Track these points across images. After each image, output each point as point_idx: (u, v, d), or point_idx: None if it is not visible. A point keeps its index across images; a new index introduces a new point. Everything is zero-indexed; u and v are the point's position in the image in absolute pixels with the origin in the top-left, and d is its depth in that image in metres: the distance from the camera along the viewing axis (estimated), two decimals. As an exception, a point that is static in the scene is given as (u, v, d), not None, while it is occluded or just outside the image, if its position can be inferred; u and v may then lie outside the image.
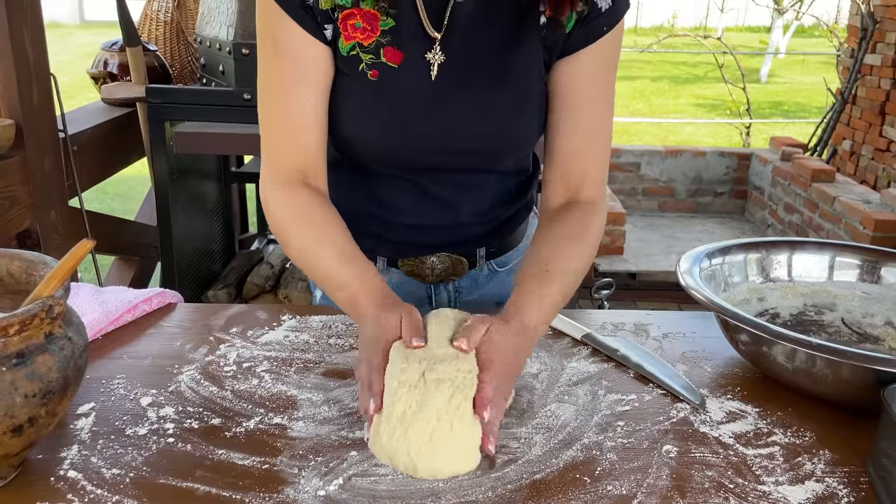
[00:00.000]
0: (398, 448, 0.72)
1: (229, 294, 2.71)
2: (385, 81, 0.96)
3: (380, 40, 0.96)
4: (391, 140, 1.00)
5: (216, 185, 2.97)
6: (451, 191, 1.08)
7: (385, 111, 0.98)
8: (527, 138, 1.04)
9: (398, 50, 0.96)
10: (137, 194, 4.45)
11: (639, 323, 1.07)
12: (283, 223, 0.96)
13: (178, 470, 0.72)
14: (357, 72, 0.97)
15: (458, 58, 0.97)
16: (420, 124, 0.99)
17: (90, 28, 17.07)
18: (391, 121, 0.98)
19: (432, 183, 1.06)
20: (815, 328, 1.04)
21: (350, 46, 0.96)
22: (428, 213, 1.08)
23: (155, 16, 2.62)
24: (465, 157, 1.03)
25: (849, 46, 5.35)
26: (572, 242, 0.96)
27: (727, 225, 4.93)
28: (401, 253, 1.11)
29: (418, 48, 0.97)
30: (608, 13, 0.97)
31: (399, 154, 1.02)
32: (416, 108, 0.98)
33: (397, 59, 0.96)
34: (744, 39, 16.49)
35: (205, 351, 0.95)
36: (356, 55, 0.96)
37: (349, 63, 0.97)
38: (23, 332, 0.64)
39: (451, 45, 0.97)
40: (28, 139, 1.80)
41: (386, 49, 0.96)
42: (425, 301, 1.16)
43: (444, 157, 1.02)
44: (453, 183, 1.07)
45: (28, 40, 1.78)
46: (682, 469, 0.75)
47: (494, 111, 0.99)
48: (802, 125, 9.07)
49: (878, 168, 4.81)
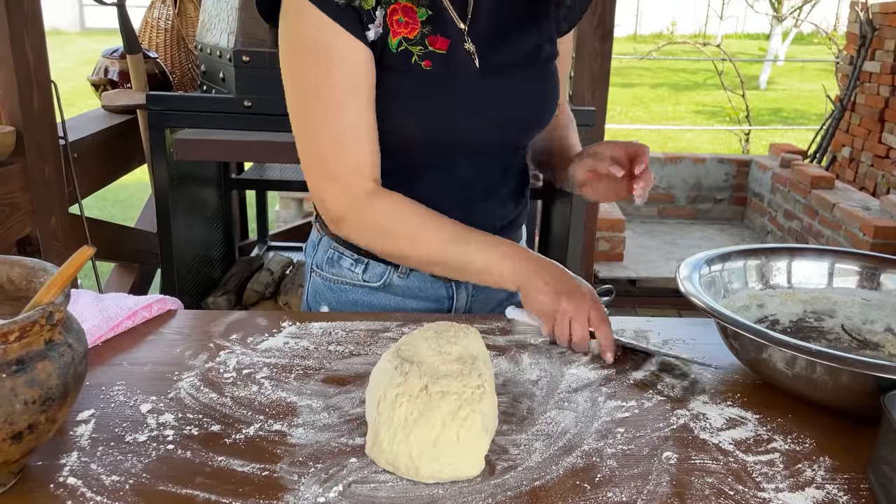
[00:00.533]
0: (399, 452, 0.72)
1: (229, 300, 2.71)
2: (439, 68, 1.01)
3: (423, 31, 0.99)
4: (449, 127, 1.04)
5: (216, 191, 2.97)
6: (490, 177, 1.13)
7: (443, 97, 1.02)
8: (546, 110, 1.14)
9: (442, 37, 1.00)
10: (137, 201, 4.46)
11: (639, 329, 1.07)
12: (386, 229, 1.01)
13: (177, 477, 0.72)
14: (410, 64, 0.99)
15: (486, 47, 1.04)
16: (472, 108, 1.04)
17: (91, 35, 17.11)
18: (449, 105, 1.03)
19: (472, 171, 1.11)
20: (814, 335, 1.04)
21: (398, 42, 0.98)
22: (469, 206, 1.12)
23: (155, 23, 2.62)
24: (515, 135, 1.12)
25: (848, 53, 5.36)
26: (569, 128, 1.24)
27: (727, 231, 4.94)
28: None
29: (456, 36, 1.02)
30: None
31: (452, 139, 1.06)
32: (467, 92, 1.03)
33: (444, 46, 1.01)
34: (743, 46, 16.53)
35: (205, 357, 0.95)
36: (405, 49, 0.99)
37: (401, 58, 0.99)
38: (23, 339, 0.64)
39: (477, 35, 1.04)
40: (28, 146, 1.80)
41: (430, 38, 1.00)
42: (445, 301, 1.16)
43: (485, 134, 1.08)
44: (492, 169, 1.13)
45: (29, 47, 1.79)
46: (682, 476, 0.75)
47: (529, 85, 1.09)
48: (802, 132, 9.08)
49: (878, 175, 4.81)
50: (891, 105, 4.79)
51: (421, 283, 1.15)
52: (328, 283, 1.18)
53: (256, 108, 2.13)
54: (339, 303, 1.18)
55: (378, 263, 1.13)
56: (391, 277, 1.14)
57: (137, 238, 2.63)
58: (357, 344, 1.00)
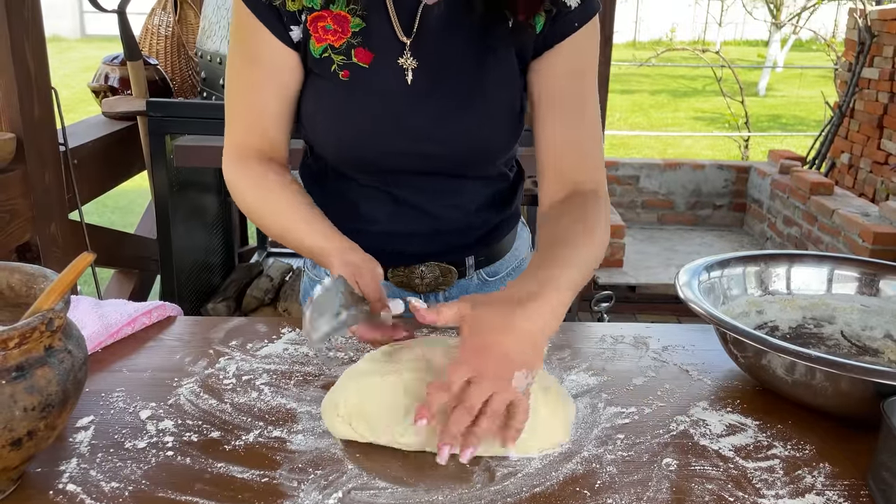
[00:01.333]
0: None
1: (229, 307, 2.71)
2: (356, 81, 0.99)
3: (350, 41, 0.98)
4: (362, 140, 1.01)
5: (216, 198, 2.98)
6: (425, 197, 1.08)
7: (356, 110, 1.00)
8: (496, 147, 1.06)
9: (368, 51, 0.98)
10: (137, 207, 4.46)
11: (638, 336, 1.07)
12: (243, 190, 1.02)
13: (177, 483, 0.72)
14: (329, 72, 0.99)
15: (430, 63, 0.99)
16: (389, 125, 1.00)
17: (91, 42, 17.14)
18: (362, 120, 1.00)
19: (405, 189, 1.07)
20: (814, 341, 1.04)
21: (322, 48, 0.98)
22: (404, 222, 1.09)
23: (156, 30, 2.63)
24: (433, 162, 1.04)
25: (846, 60, 5.37)
26: (577, 229, 0.93)
27: (726, 238, 4.94)
28: (388, 263, 1.11)
29: (389, 51, 0.99)
30: (579, 10, 1.00)
31: (369, 156, 1.03)
32: (386, 109, 1.00)
33: (367, 59, 0.98)
34: (742, 53, 16.57)
35: (204, 364, 0.95)
36: (328, 57, 0.99)
37: (321, 64, 0.99)
38: (22, 345, 0.64)
39: (421, 51, 0.99)
40: (29, 152, 1.80)
41: (357, 50, 0.98)
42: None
43: (412, 160, 1.03)
44: (426, 189, 1.08)
45: (29, 54, 1.79)
46: (682, 482, 0.75)
47: (462, 119, 1.00)
48: (801, 138, 9.10)
49: (877, 181, 4.82)
50: (889, 111, 4.80)
51: (390, 292, 1.11)
52: (314, 282, 1.19)
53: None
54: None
55: None
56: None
57: (137, 244, 2.63)
58: (356, 350, 1.00)
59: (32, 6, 1.79)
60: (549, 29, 0.99)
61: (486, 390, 0.73)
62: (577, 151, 1.02)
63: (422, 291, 1.14)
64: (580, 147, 1.02)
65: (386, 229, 1.09)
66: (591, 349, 1.02)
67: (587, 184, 1.01)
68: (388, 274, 1.12)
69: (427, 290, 1.14)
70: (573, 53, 1.01)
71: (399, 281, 1.13)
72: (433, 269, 1.12)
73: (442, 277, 1.13)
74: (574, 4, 0.99)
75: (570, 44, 1.00)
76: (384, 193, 1.08)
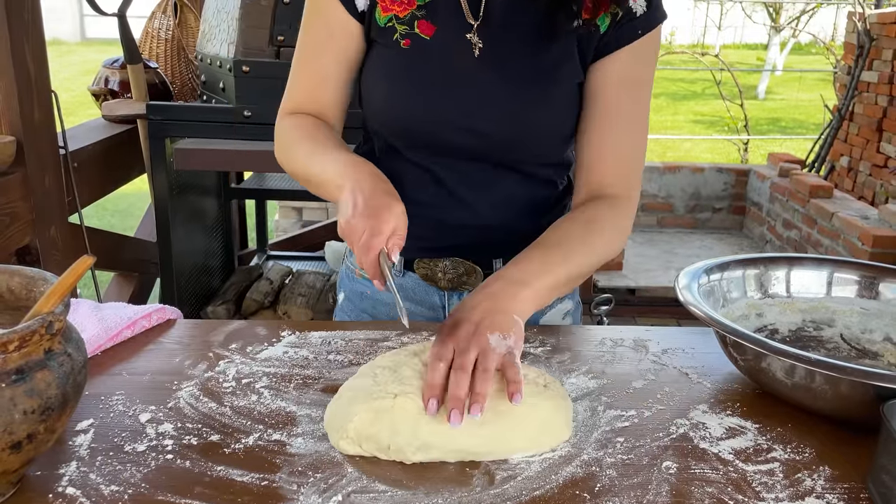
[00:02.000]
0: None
1: (228, 310, 2.71)
2: (416, 50, 1.02)
3: (415, 13, 1.02)
4: (415, 110, 1.03)
5: (216, 201, 2.98)
6: (466, 186, 1.09)
7: (414, 78, 1.02)
8: (548, 133, 1.06)
9: (431, 23, 1.01)
10: (137, 210, 4.47)
11: (638, 339, 1.07)
12: (287, 136, 1.06)
13: (176, 486, 0.72)
14: (391, 41, 1.02)
15: (493, 44, 1.02)
16: (443, 96, 1.02)
17: (91, 45, 17.16)
18: (418, 90, 1.03)
19: (449, 173, 1.08)
20: (813, 344, 1.04)
21: (388, 18, 1.02)
22: (442, 208, 1.10)
23: (156, 33, 2.63)
24: (482, 142, 1.04)
25: (845, 63, 5.38)
26: (573, 225, 1.00)
27: (725, 241, 4.94)
28: (417, 252, 1.12)
29: (454, 28, 1.01)
30: (644, 18, 1.01)
31: (421, 128, 1.05)
32: (443, 80, 1.02)
33: (429, 32, 1.01)
34: (741, 56, 16.58)
35: (204, 367, 0.95)
36: (392, 26, 1.02)
37: (385, 33, 1.03)
38: (22, 349, 0.64)
39: (486, 32, 1.01)
40: (29, 156, 1.81)
41: (420, 22, 1.01)
42: (439, 308, 1.16)
43: (462, 136, 1.04)
44: (470, 177, 1.08)
45: (29, 57, 1.79)
46: (681, 485, 0.75)
47: (517, 99, 1.02)
48: (800, 141, 9.10)
49: (876, 184, 4.82)
50: (889, 115, 4.80)
51: (414, 284, 1.15)
52: (348, 270, 1.22)
53: (256, 117, 2.13)
54: (352, 292, 1.21)
55: None
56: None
57: (137, 247, 2.63)
58: (356, 353, 1.00)
59: (32, 9, 1.79)
60: (612, 32, 1.01)
61: (471, 353, 0.81)
62: (612, 157, 1.04)
63: (443, 288, 1.15)
64: (616, 153, 1.04)
65: (424, 213, 1.09)
66: (591, 352, 1.02)
67: (613, 188, 1.04)
68: (414, 265, 1.14)
69: (449, 287, 1.14)
70: (632, 61, 1.02)
71: (424, 273, 1.14)
72: (458, 265, 1.12)
73: (466, 276, 1.13)
74: (640, 11, 1.00)
75: (631, 51, 1.01)
76: (428, 174, 1.09)
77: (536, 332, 1.07)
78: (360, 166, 0.94)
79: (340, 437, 0.78)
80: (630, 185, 1.05)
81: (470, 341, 0.82)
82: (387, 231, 0.84)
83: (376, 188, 0.89)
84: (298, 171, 1.04)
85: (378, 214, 0.85)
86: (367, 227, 0.84)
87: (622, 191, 1.04)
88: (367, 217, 0.85)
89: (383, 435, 0.77)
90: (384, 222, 0.85)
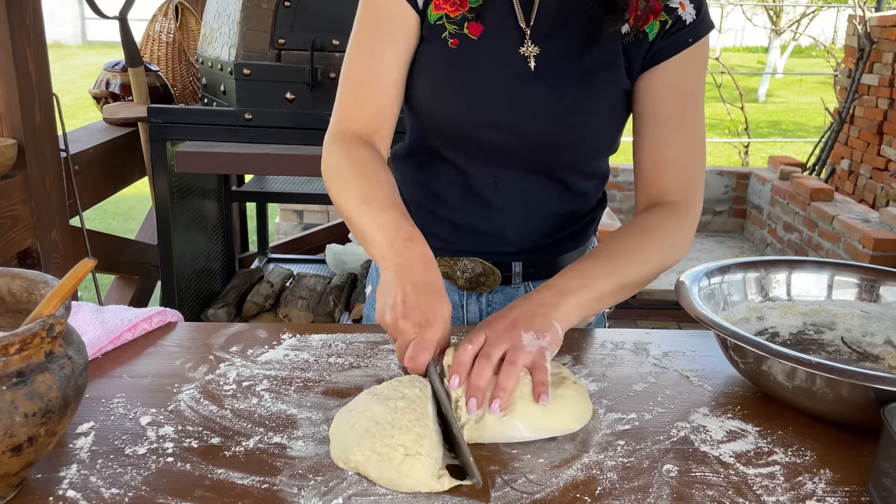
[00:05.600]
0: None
1: (229, 313, 2.71)
2: (464, 50, 1.02)
3: (466, 14, 1.02)
4: (459, 108, 1.03)
5: (217, 204, 2.98)
6: (504, 194, 1.09)
7: (460, 78, 1.02)
8: (588, 138, 1.05)
9: (480, 24, 1.01)
10: (138, 213, 4.47)
11: (638, 342, 1.07)
12: (337, 170, 1.00)
13: (177, 489, 0.72)
14: (439, 39, 1.02)
15: (542, 48, 1.02)
16: (490, 97, 1.02)
17: (92, 48, 17.18)
18: (462, 89, 1.02)
19: (487, 181, 1.08)
20: (814, 347, 1.04)
21: (438, 16, 1.02)
22: (475, 215, 1.10)
23: (157, 36, 2.64)
24: (520, 142, 1.04)
25: (846, 66, 5.38)
26: (629, 234, 1.00)
27: (726, 244, 4.94)
28: (437, 252, 1.10)
29: (503, 29, 1.01)
30: (693, 27, 1.01)
31: (462, 127, 1.04)
32: (489, 81, 1.02)
33: (477, 32, 1.01)
34: (742, 59, 16.59)
35: (205, 370, 0.95)
36: (442, 24, 1.02)
37: (434, 31, 1.02)
38: (23, 351, 0.64)
39: (536, 36, 1.02)
40: (30, 159, 1.81)
41: (469, 23, 1.02)
42: (458, 307, 1.17)
43: (503, 136, 1.03)
44: (508, 186, 1.08)
45: (31, 60, 1.80)
46: (682, 489, 0.74)
47: (560, 101, 1.02)
48: (801, 144, 9.11)
49: (877, 187, 4.82)
50: (889, 118, 4.80)
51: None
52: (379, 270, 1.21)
53: (257, 120, 2.14)
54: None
55: None
56: None
57: (138, 250, 2.63)
58: (357, 356, 1.00)
59: (34, 12, 1.80)
60: (662, 41, 1.01)
61: (500, 346, 0.81)
62: (670, 167, 1.04)
63: (461, 287, 1.14)
64: (674, 162, 1.04)
65: (453, 216, 1.10)
66: (592, 355, 1.02)
67: (673, 195, 1.04)
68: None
69: (466, 287, 1.14)
70: (683, 70, 1.02)
71: (443, 271, 1.14)
72: (476, 265, 1.12)
73: (484, 276, 1.13)
74: (689, 20, 1.00)
75: (680, 60, 1.02)
76: (462, 177, 1.08)
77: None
78: (410, 247, 0.89)
79: (340, 457, 0.76)
80: (691, 191, 1.05)
81: (502, 334, 0.82)
82: (437, 342, 0.81)
83: (428, 283, 0.85)
84: (344, 210, 0.98)
85: (430, 322, 0.81)
86: (416, 334, 0.81)
87: (683, 197, 1.04)
88: (417, 324, 0.81)
89: (384, 479, 0.73)
90: (435, 332, 0.81)
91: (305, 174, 2.39)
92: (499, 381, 0.79)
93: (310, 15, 2.14)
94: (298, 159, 2.14)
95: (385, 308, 0.84)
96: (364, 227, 0.93)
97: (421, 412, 0.77)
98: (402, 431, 0.74)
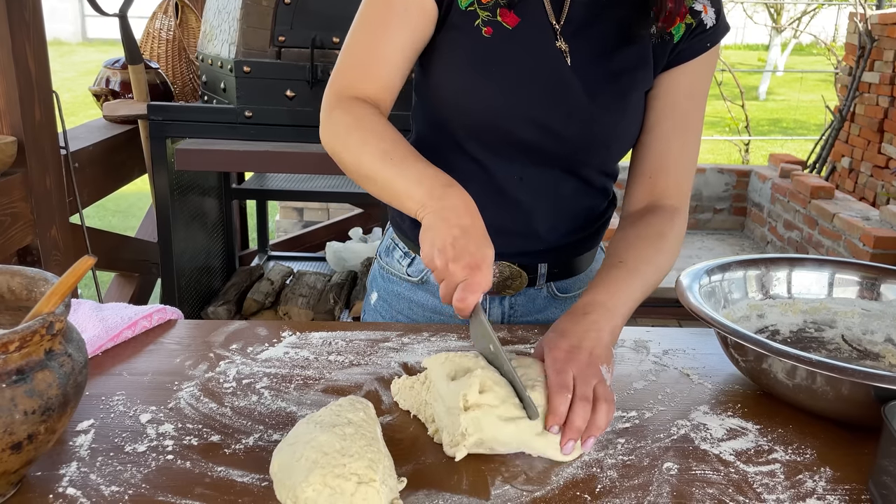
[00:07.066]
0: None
1: (229, 310, 2.71)
2: (499, 39, 0.99)
3: (498, 1, 0.99)
4: (491, 100, 1.01)
5: (217, 201, 2.98)
6: (529, 191, 1.08)
7: (495, 69, 1.00)
8: (616, 138, 1.06)
9: (515, 14, 0.99)
10: (138, 211, 4.47)
11: (639, 339, 1.07)
12: (346, 131, 0.96)
13: (177, 487, 0.72)
14: (472, 27, 0.99)
15: (575, 44, 1.01)
16: (523, 91, 1.00)
17: (92, 46, 17.17)
18: (497, 80, 1.00)
19: (513, 178, 1.07)
20: (815, 345, 1.04)
21: (469, 2, 0.99)
22: (501, 213, 1.08)
23: (157, 34, 2.63)
24: (552, 139, 1.03)
25: (847, 64, 5.38)
26: (646, 243, 1.00)
27: (727, 241, 4.94)
28: None
29: (538, 21, 1.00)
30: (713, 31, 1.02)
31: (493, 120, 1.02)
32: (524, 74, 1.00)
33: (513, 23, 0.99)
34: (742, 57, 16.57)
35: (204, 367, 0.95)
36: (473, 11, 0.99)
37: (465, 17, 1.00)
38: (23, 349, 0.64)
39: (569, 31, 1.01)
40: (30, 156, 1.81)
41: (502, 10, 0.99)
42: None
43: (532, 132, 1.02)
44: (534, 184, 1.07)
45: (31, 57, 1.79)
46: (682, 486, 0.74)
47: (593, 99, 1.01)
48: (801, 142, 9.10)
49: (877, 185, 4.82)
50: (890, 115, 4.80)
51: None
52: (383, 271, 1.21)
53: (257, 118, 2.14)
54: (386, 292, 1.20)
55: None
56: (428, 274, 1.15)
57: (138, 248, 2.63)
58: (357, 354, 1.00)
59: (33, 9, 1.79)
60: (685, 43, 1.02)
61: (590, 383, 0.80)
62: (673, 168, 1.05)
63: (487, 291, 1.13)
64: (677, 165, 1.06)
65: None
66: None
67: (672, 199, 1.05)
68: None
69: (491, 292, 1.13)
70: (697, 73, 1.04)
71: None
72: (504, 268, 1.11)
73: (511, 280, 1.12)
74: (710, 24, 1.02)
75: (699, 63, 1.03)
76: (487, 175, 1.06)
77: (538, 333, 1.07)
78: (451, 193, 0.88)
79: (288, 497, 0.68)
80: (686, 197, 1.07)
81: (587, 372, 0.82)
82: (485, 286, 0.82)
83: (475, 227, 0.85)
84: (362, 168, 0.95)
85: (478, 265, 0.82)
86: (466, 277, 0.81)
87: (680, 202, 1.06)
88: (467, 266, 0.82)
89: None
90: (483, 276, 0.82)
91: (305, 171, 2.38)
92: (597, 421, 0.78)
93: (310, 12, 2.14)
94: (298, 157, 2.13)
95: (433, 251, 0.84)
96: (392, 180, 0.91)
97: (371, 437, 0.73)
98: (353, 459, 0.68)
